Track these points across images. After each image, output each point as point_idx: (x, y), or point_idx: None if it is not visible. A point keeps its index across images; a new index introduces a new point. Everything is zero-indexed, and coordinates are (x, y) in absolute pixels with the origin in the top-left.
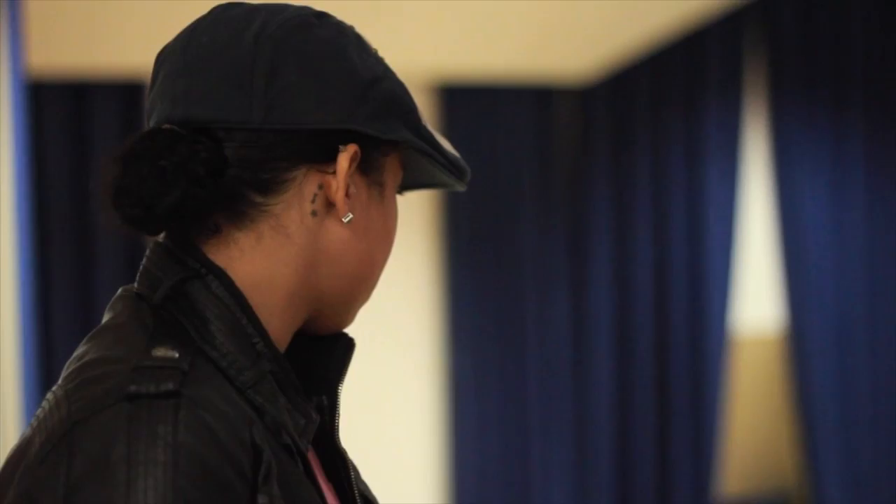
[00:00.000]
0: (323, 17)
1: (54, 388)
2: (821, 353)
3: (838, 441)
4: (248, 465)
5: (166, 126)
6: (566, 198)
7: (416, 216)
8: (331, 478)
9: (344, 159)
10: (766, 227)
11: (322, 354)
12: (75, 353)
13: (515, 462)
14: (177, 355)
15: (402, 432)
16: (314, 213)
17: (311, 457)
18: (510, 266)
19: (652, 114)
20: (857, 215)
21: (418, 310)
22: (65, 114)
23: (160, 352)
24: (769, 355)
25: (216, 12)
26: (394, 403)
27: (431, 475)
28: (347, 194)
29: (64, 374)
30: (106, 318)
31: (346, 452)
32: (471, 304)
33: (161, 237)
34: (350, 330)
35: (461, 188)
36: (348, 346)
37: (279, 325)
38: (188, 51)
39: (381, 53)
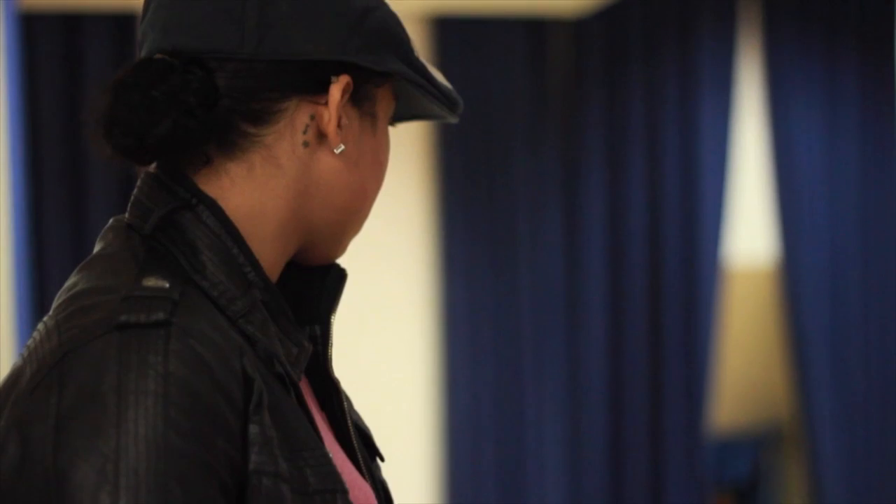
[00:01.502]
0: None
1: (45, 318)
2: (813, 286)
3: (830, 373)
4: (240, 394)
5: (158, 56)
6: (559, 130)
7: (408, 148)
8: (324, 407)
9: (336, 90)
10: (760, 159)
11: (314, 285)
12: (66, 284)
13: (508, 391)
14: (167, 285)
15: (394, 362)
16: (306, 144)
17: (304, 386)
18: (503, 197)
19: (646, 46)
20: (850, 148)
21: (411, 241)
22: (57, 45)
23: (151, 282)
24: (762, 288)
25: None
26: (386, 333)
27: (424, 405)
28: (339, 125)
29: (55, 304)
30: (97, 248)
31: (338, 382)
32: (464, 235)
33: (152, 168)
34: (342, 261)
35: (453, 119)
36: (340, 276)
37: (270, 255)
38: None
39: None
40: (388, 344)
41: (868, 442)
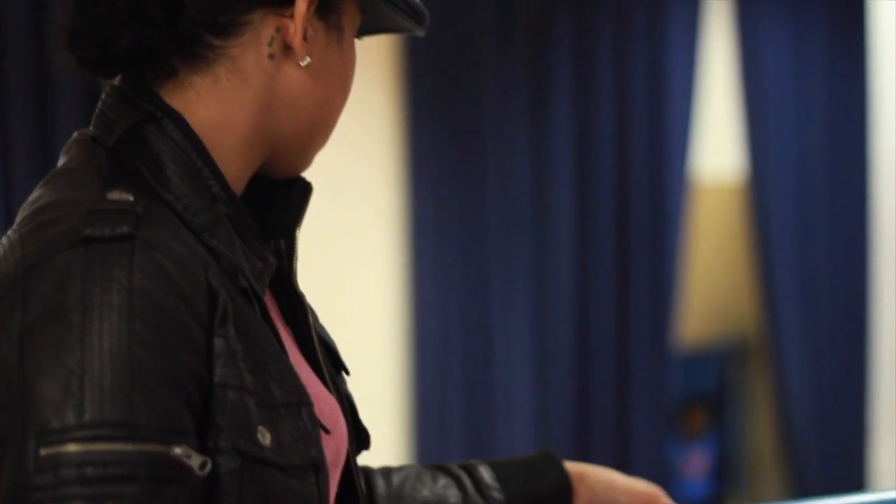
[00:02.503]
0: None
1: (9, 232)
2: (780, 201)
3: (796, 287)
4: (204, 307)
5: None
6: (527, 48)
7: (374, 63)
8: (288, 321)
9: (302, 2)
10: (728, 74)
11: (279, 198)
12: (30, 198)
13: (475, 305)
14: (132, 198)
15: (360, 277)
16: (271, 57)
17: (269, 300)
18: (471, 116)
19: None
20: (818, 65)
21: (377, 156)
22: None
23: (115, 195)
24: (729, 203)
25: None
26: (352, 248)
27: (390, 320)
28: (305, 38)
29: (19, 218)
30: (61, 162)
31: (303, 296)
32: (430, 151)
33: (117, 81)
34: (308, 175)
35: (420, 33)
36: (305, 189)
37: (235, 169)
38: None
39: None
40: (354, 259)
41: (834, 355)
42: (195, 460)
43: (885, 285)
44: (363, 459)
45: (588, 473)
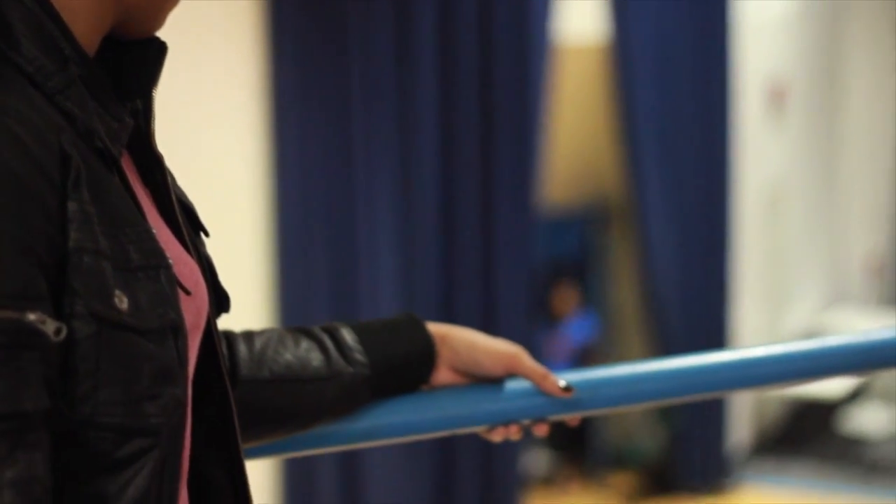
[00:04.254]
0: None
1: None
2: (643, 63)
3: (659, 150)
4: (57, 172)
5: None
6: None
7: None
8: (147, 183)
9: None
10: None
11: (134, 59)
12: None
13: (339, 167)
14: None
15: (221, 138)
16: None
17: (126, 162)
18: None
19: None
20: None
21: (238, 19)
22: None
23: None
24: (593, 65)
25: None
26: (214, 110)
27: (253, 180)
28: None
29: None
30: None
31: (162, 157)
32: (295, 15)
33: None
34: (164, 35)
35: None
36: (160, 49)
37: (86, 29)
38: None
39: None
40: (215, 121)
41: (695, 216)
42: (50, 326)
43: (747, 146)
44: (225, 323)
45: (450, 335)
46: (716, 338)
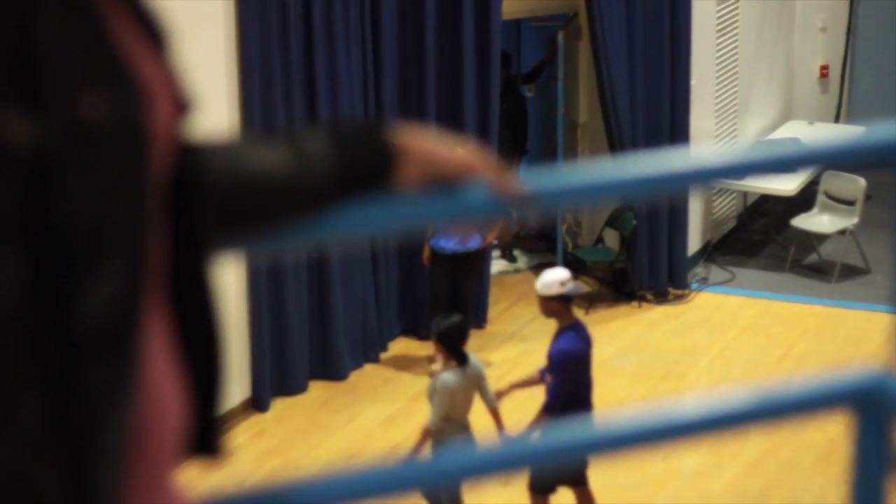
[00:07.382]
0: None
1: None
2: None
3: None
4: None
5: None
6: None
7: None
8: None
9: None
10: None
11: None
12: None
13: None
14: None
15: None
16: None
17: None
18: None
19: None
20: None
21: None
22: None
23: None
24: None
25: None
26: None
27: None
28: None
29: None
30: None
31: None
32: None
33: None
34: None
35: None
36: None
37: None
38: None
39: None
40: None
41: (651, 20)
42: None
43: None
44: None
45: (409, 142)
46: (670, 138)
